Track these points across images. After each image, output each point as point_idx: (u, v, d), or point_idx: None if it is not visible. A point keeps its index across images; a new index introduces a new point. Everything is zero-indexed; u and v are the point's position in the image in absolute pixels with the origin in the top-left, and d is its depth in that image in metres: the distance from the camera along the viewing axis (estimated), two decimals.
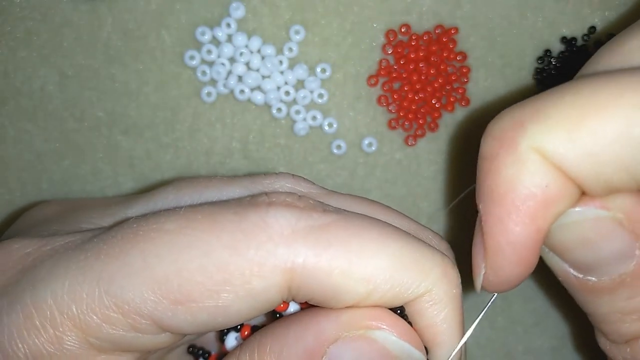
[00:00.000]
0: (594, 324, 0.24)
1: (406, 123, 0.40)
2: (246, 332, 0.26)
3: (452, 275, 0.24)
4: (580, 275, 0.22)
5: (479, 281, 0.23)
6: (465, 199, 0.25)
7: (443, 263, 0.23)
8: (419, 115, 0.40)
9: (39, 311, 0.22)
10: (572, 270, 0.22)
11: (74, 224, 0.28)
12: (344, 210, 0.24)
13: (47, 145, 0.40)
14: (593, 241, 0.21)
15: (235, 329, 0.26)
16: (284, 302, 0.24)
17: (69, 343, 0.22)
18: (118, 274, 0.22)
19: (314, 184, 0.28)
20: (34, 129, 0.40)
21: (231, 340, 0.26)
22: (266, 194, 0.23)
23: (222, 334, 0.27)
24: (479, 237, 0.22)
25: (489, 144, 0.21)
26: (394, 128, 0.40)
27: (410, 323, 0.24)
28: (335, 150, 0.40)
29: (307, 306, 0.25)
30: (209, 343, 0.29)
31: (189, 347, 0.28)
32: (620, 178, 0.19)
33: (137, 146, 0.40)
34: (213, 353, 0.28)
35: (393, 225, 0.24)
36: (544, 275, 0.44)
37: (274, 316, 0.25)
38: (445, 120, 0.41)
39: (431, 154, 0.41)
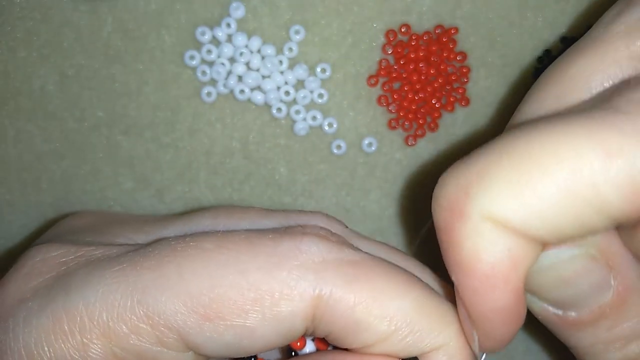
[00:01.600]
0: (578, 358, 0.25)
1: (406, 123, 0.40)
2: None
3: (466, 343, 0.24)
4: (561, 312, 0.23)
5: (475, 346, 0.23)
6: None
7: (460, 329, 0.23)
8: (419, 115, 0.40)
9: (69, 316, 0.22)
10: (551, 309, 0.23)
11: (109, 237, 0.28)
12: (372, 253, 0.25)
13: (47, 145, 0.40)
14: (570, 279, 0.21)
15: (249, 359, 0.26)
16: (300, 339, 0.24)
17: (94, 351, 0.22)
18: (152, 285, 0.22)
19: (345, 225, 0.29)
20: (34, 129, 0.40)
21: None
22: (301, 226, 0.24)
23: None
24: (461, 307, 0.22)
25: (441, 215, 0.21)
26: (394, 128, 0.40)
27: None
28: (335, 150, 0.40)
29: (323, 347, 0.25)
30: None
31: None
32: (573, 230, 0.19)
33: (137, 146, 0.40)
34: None
35: (415, 275, 0.24)
36: None
37: (289, 354, 0.25)
38: (445, 120, 0.41)
39: (431, 154, 0.41)
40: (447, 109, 0.40)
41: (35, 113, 0.40)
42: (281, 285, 0.22)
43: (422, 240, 0.26)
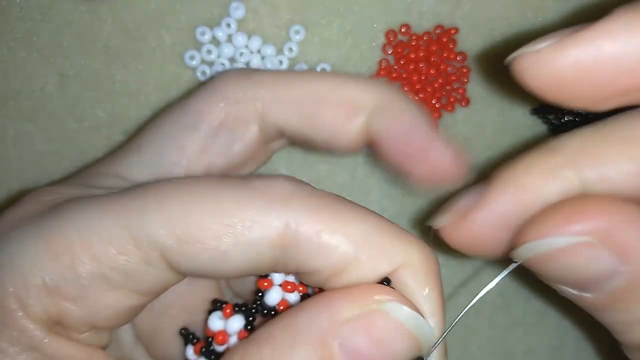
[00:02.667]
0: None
1: None
2: (228, 310, 0.27)
3: (431, 253, 0.25)
4: (577, 293, 0.24)
5: (447, 217, 0.25)
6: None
7: (423, 244, 0.25)
8: None
9: (61, 239, 0.24)
10: (569, 289, 0.24)
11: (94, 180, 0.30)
12: None
13: (47, 145, 0.40)
14: (578, 265, 0.22)
15: (219, 308, 0.28)
16: (267, 279, 0.26)
17: (84, 273, 0.24)
18: (136, 212, 0.24)
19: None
20: (34, 129, 0.40)
21: (214, 319, 0.27)
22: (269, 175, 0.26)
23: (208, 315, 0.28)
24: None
25: None
26: None
27: None
28: None
29: (290, 291, 0.27)
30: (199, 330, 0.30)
31: (180, 330, 0.30)
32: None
33: None
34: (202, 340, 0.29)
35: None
36: None
37: (257, 293, 0.27)
38: (445, 120, 0.41)
39: None
40: (447, 109, 0.40)
41: (35, 113, 0.40)
42: (252, 213, 0.24)
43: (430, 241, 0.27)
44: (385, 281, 0.24)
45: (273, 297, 0.27)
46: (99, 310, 0.24)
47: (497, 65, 0.40)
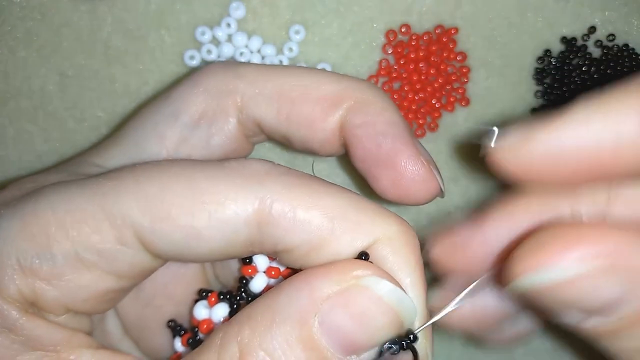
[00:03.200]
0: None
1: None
2: (213, 299, 0.27)
3: (410, 227, 0.25)
4: (580, 320, 0.23)
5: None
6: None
7: (400, 218, 0.25)
8: (419, 115, 0.40)
9: (37, 219, 0.24)
10: (570, 317, 0.23)
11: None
12: None
13: (47, 145, 0.40)
14: (586, 293, 0.21)
15: (205, 297, 0.28)
16: (251, 266, 0.26)
17: (58, 253, 0.24)
18: (111, 191, 0.24)
19: None
20: (34, 129, 0.40)
21: (200, 308, 0.28)
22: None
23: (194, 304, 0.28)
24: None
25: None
26: None
27: None
28: None
29: (275, 276, 0.27)
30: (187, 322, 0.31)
31: (168, 322, 0.30)
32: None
33: None
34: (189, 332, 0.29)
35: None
36: None
37: (241, 281, 0.27)
38: (445, 120, 0.41)
39: (431, 154, 0.41)
40: (447, 109, 0.40)
41: (35, 113, 0.40)
42: (226, 191, 0.24)
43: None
44: (364, 256, 0.24)
45: (258, 283, 0.27)
46: (74, 292, 0.24)
47: (497, 65, 0.40)
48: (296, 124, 0.28)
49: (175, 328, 0.30)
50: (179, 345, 0.29)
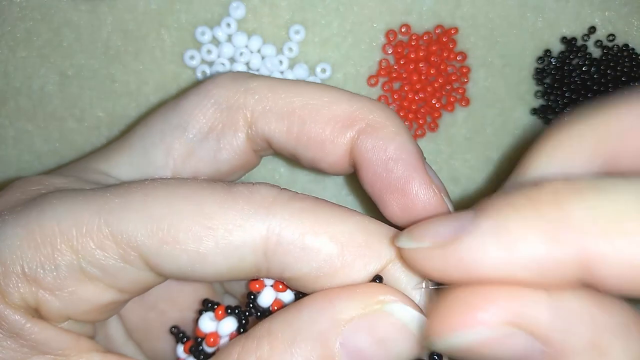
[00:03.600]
0: None
1: (406, 123, 0.40)
2: (220, 312, 0.27)
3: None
4: None
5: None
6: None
7: None
8: (419, 115, 0.40)
9: (41, 229, 0.24)
10: None
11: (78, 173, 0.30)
12: None
13: (47, 145, 0.40)
14: (501, 353, 0.21)
15: (211, 309, 0.28)
16: (259, 281, 0.26)
17: (63, 263, 0.24)
18: (118, 208, 0.24)
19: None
20: (34, 129, 0.40)
21: (205, 320, 0.27)
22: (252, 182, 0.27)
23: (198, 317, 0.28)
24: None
25: None
26: None
27: None
28: None
29: (282, 290, 0.26)
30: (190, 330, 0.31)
31: (171, 328, 0.30)
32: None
33: None
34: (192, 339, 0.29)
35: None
36: None
37: (249, 298, 0.27)
38: (445, 120, 0.41)
39: (431, 154, 0.41)
40: (447, 109, 0.40)
41: (35, 113, 0.40)
42: (234, 217, 0.24)
43: None
44: (378, 279, 0.24)
45: (266, 298, 0.26)
46: (75, 303, 0.24)
47: (497, 65, 0.40)
48: (306, 143, 0.28)
49: (178, 334, 0.29)
50: (181, 351, 0.28)
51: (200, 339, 0.27)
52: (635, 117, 0.21)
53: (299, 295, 0.26)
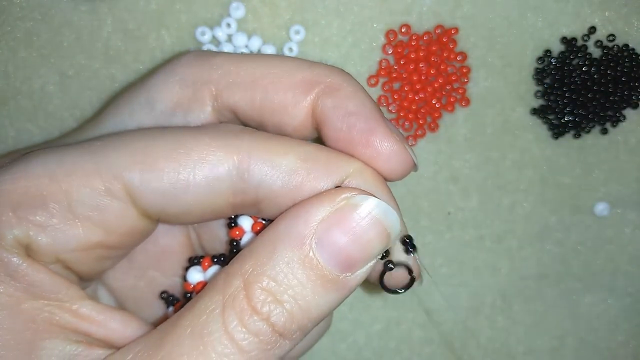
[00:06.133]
0: None
1: (406, 123, 0.40)
2: (207, 263, 0.29)
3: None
4: None
5: None
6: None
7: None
8: (419, 115, 0.40)
9: (28, 175, 0.25)
10: None
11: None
12: None
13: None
14: None
15: (197, 263, 0.29)
16: (239, 228, 0.28)
17: (51, 203, 0.25)
18: (101, 149, 0.26)
19: None
20: (34, 129, 0.40)
21: (193, 273, 0.29)
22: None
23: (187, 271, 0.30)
24: None
25: None
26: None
27: None
28: None
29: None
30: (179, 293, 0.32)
31: (161, 293, 0.31)
32: None
33: None
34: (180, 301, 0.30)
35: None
36: (543, 275, 0.44)
37: (232, 244, 0.28)
38: (445, 120, 0.41)
39: (431, 154, 0.41)
40: (447, 109, 0.40)
41: (36, 113, 0.40)
42: (208, 143, 0.26)
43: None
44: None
45: (247, 242, 0.28)
46: (64, 240, 0.25)
47: (497, 65, 0.40)
48: (270, 110, 0.29)
49: (168, 299, 0.30)
50: (172, 314, 0.29)
51: (188, 295, 0.28)
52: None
53: None
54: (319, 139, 0.29)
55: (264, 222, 0.29)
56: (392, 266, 0.27)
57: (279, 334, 0.24)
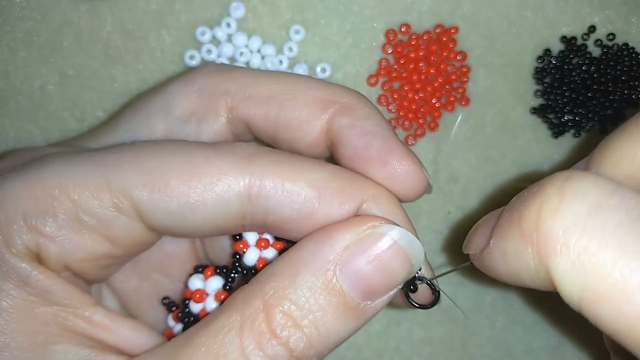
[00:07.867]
0: None
1: (406, 123, 0.40)
2: (209, 272, 0.29)
3: (386, 189, 0.28)
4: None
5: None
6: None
7: (376, 183, 0.28)
8: (419, 115, 0.40)
9: (41, 181, 0.25)
10: None
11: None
12: None
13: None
14: None
15: (199, 271, 0.29)
16: (243, 242, 0.28)
17: (60, 212, 0.25)
18: (113, 163, 0.26)
19: None
20: (34, 129, 0.40)
21: (194, 280, 0.29)
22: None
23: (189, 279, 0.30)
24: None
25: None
26: (394, 127, 0.40)
27: None
28: None
29: (264, 247, 0.28)
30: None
31: (162, 299, 0.31)
32: None
33: None
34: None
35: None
36: None
37: (235, 257, 0.29)
38: (445, 120, 0.41)
39: (431, 153, 0.41)
40: (447, 108, 0.40)
41: (36, 113, 0.40)
42: (219, 166, 0.26)
43: None
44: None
45: (251, 256, 0.28)
46: (73, 250, 0.25)
47: (497, 65, 0.40)
48: (284, 126, 0.29)
49: (169, 305, 0.31)
50: (170, 321, 0.30)
51: (187, 303, 0.29)
52: None
53: (283, 250, 0.28)
54: (330, 159, 0.29)
55: (269, 239, 0.29)
56: (414, 287, 0.27)
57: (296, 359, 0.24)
